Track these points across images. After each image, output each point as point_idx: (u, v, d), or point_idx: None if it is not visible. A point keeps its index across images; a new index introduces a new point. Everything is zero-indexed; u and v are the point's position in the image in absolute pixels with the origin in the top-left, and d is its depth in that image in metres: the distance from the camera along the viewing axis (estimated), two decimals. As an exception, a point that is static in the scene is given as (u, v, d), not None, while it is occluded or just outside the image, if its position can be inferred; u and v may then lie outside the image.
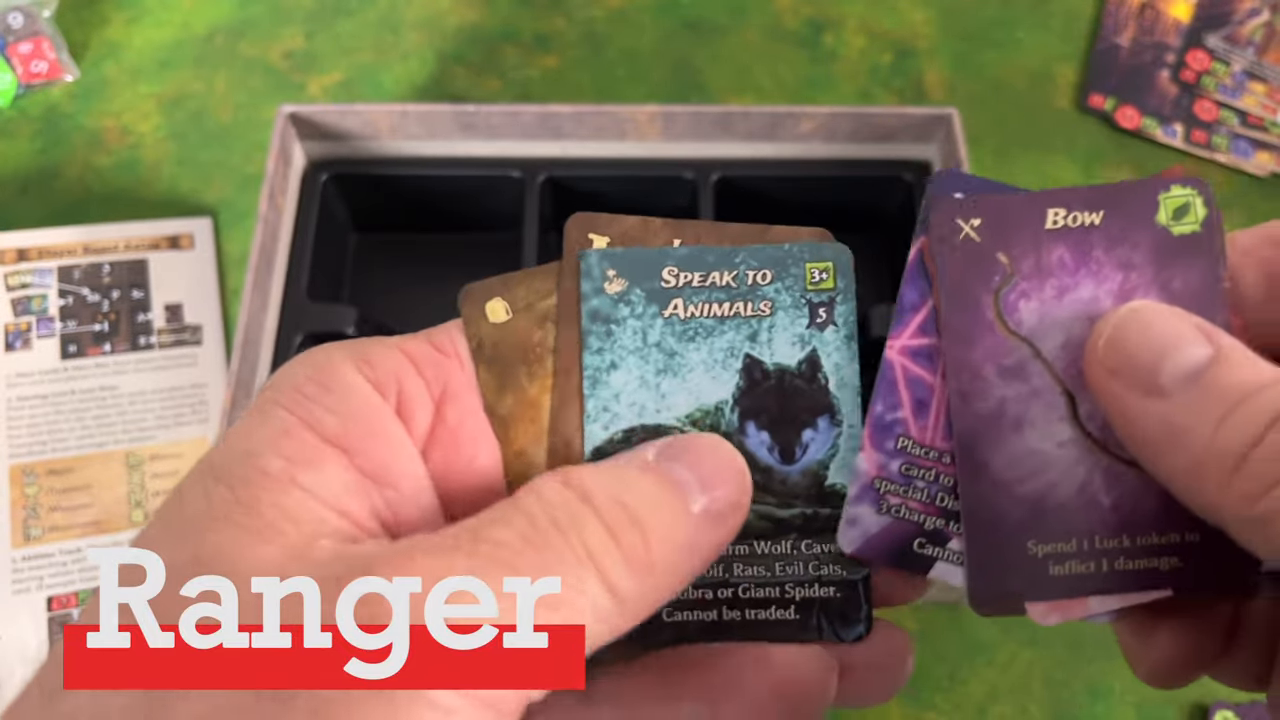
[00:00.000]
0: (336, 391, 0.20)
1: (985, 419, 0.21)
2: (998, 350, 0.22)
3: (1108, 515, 0.21)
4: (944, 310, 0.22)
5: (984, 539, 0.21)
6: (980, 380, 0.21)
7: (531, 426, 0.22)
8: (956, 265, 0.22)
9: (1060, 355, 0.21)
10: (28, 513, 0.52)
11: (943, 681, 0.50)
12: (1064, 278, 0.22)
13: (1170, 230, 0.22)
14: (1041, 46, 0.67)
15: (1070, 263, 0.22)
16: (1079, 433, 0.21)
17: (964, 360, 0.22)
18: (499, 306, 0.22)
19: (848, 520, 0.21)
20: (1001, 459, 0.21)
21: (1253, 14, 0.67)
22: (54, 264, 0.58)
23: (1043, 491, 0.21)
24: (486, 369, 0.22)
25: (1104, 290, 0.22)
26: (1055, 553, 0.21)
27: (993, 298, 0.22)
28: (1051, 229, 0.22)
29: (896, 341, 0.22)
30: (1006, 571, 0.21)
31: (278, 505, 0.18)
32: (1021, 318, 0.22)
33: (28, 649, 0.50)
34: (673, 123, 0.55)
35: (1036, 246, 0.22)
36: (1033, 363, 0.21)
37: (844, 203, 0.58)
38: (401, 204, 0.58)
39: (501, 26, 0.67)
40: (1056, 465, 0.21)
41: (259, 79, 0.65)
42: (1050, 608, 0.21)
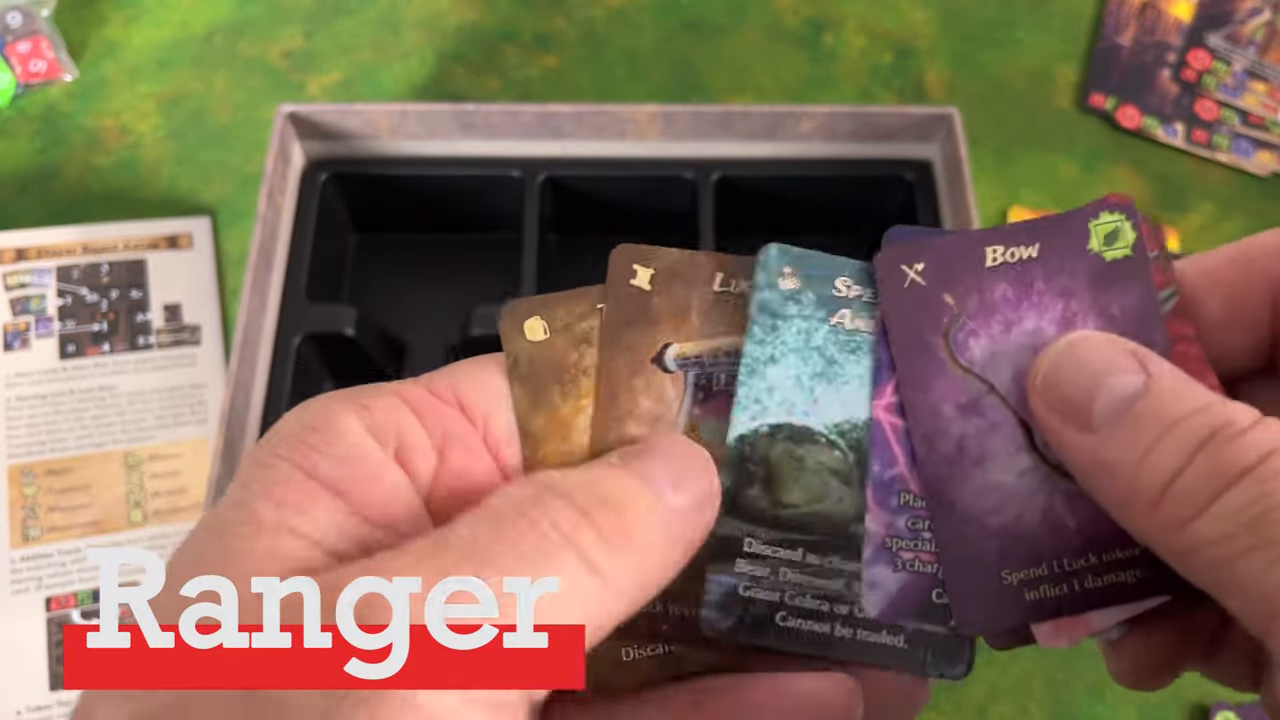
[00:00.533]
0: (332, 437, 0.20)
1: (948, 457, 0.22)
2: (952, 389, 0.22)
3: (1073, 537, 0.21)
4: (898, 356, 0.22)
5: (961, 574, 0.21)
6: (940, 419, 0.22)
7: (562, 445, 0.22)
8: (905, 309, 0.22)
9: (1012, 388, 0.22)
10: (26, 513, 0.52)
11: (944, 681, 0.50)
12: (1008, 312, 0.22)
13: (1103, 256, 0.22)
14: (1042, 46, 0.67)
15: (1013, 297, 0.22)
16: (1038, 461, 0.22)
17: (922, 402, 0.22)
18: (538, 325, 0.22)
19: (868, 584, 0.22)
20: (968, 495, 0.22)
21: (1254, 13, 0.67)
22: (53, 264, 0.58)
23: (1010, 522, 0.21)
24: (521, 386, 0.22)
25: (1047, 320, 0.22)
26: (1028, 579, 0.21)
27: (943, 338, 0.22)
28: (992, 266, 0.22)
29: (880, 401, 0.22)
30: (985, 602, 0.21)
31: (271, 554, 0.18)
32: (973, 355, 0.22)
33: (27, 649, 0.49)
34: (673, 122, 0.55)
35: (979, 284, 0.22)
36: (987, 398, 0.22)
37: (844, 202, 0.57)
38: (401, 204, 0.58)
39: (501, 26, 0.67)
40: (1020, 495, 0.22)
41: (258, 78, 0.65)
42: (1054, 630, 0.21)
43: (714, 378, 0.23)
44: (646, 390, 0.22)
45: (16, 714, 0.48)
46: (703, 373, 0.23)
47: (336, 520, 0.19)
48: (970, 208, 0.51)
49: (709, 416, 0.22)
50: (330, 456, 0.19)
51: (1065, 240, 0.22)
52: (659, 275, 0.23)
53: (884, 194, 0.57)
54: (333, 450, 0.19)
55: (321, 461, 0.19)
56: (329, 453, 0.19)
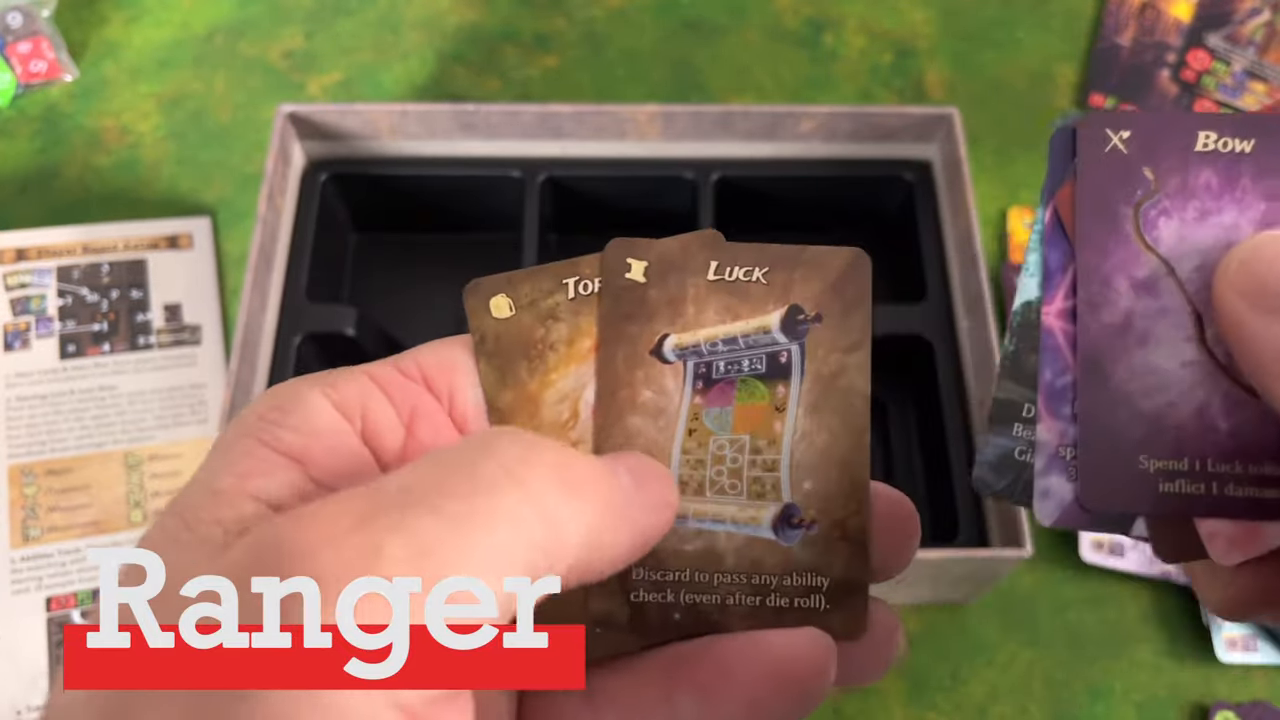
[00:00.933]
0: (297, 413, 0.20)
1: (1112, 330, 0.21)
2: (1131, 263, 0.21)
3: (1224, 440, 0.21)
4: (1081, 218, 0.22)
5: (1099, 448, 0.21)
6: (1110, 290, 0.21)
7: (530, 421, 0.22)
8: (1100, 174, 0.22)
9: (1194, 277, 0.21)
10: (26, 513, 0.52)
11: (944, 681, 0.50)
12: (1208, 201, 0.22)
13: None
14: (1042, 46, 0.67)
15: (1216, 187, 0.22)
16: (1204, 355, 0.21)
17: (1096, 269, 0.21)
18: (503, 302, 0.23)
19: (1040, 493, 0.21)
20: (1124, 371, 0.21)
21: (1253, 13, 0.67)
22: (53, 264, 0.58)
23: (1161, 408, 0.21)
24: (487, 362, 0.22)
25: (1246, 218, 0.21)
26: (1167, 470, 0.21)
27: (1133, 210, 0.22)
28: (1201, 151, 0.22)
29: (1050, 308, 0.22)
30: (1117, 481, 0.21)
31: (217, 518, 0.18)
32: (1160, 234, 0.22)
33: (27, 649, 0.49)
34: (673, 122, 0.55)
35: (1184, 166, 0.22)
36: (1165, 280, 0.21)
37: (844, 202, 0.57)
38: (401, 204, 0.58)
39: (501, 26, 0.67)
40: (1178, 384, 0.21)
41: (258, 79, 0.65)
42: (1229, 543, 0.21)
43: (713, 366, 0.23)
44: (647, 382, 0.22)
45: (16, 714, 0.48)
46: (701, 361, 0.23)
47: (294, 482, 0.19)
48: (970, 208, 0.51)
49: (710, 405, 0.22)
50: (291, 429, 0.19)
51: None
52: (653, 267, 0.23)
53: (884, 194, 0.57)
54: (293, 423, 0.19)
55: (284, 434, 0.19)
56: (289, 425, 0.19)
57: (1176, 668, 0.50)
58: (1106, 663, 0.50)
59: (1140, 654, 0.50)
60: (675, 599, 0.22)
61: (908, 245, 0.55)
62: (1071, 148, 0.22)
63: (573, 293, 0.23)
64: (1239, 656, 0.49)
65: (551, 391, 0.22)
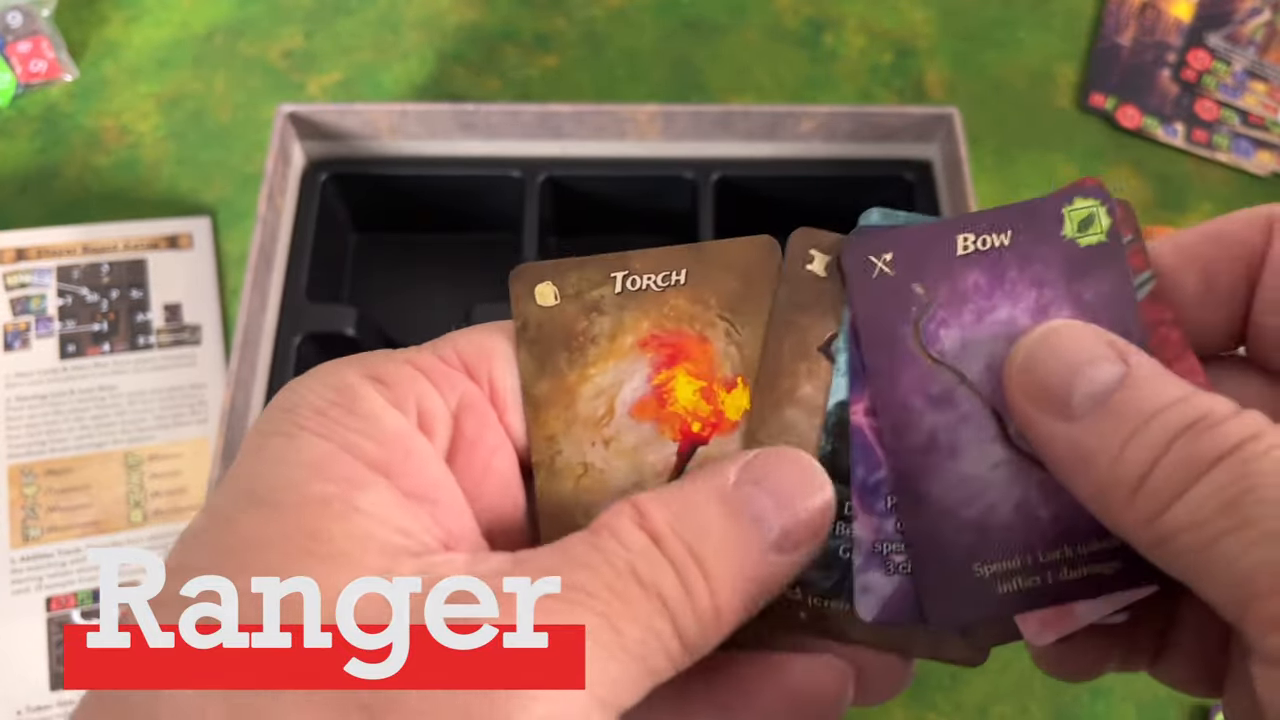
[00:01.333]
0: (364, 416, 0.19)
1: (919, 450, 0.21)
2: (923, 380, 0.22)
3: (1047, 528, 0.21)
4: (865, 348, 0.22)
5: (931, 567, 0.21)
6: (909, 412, 0.21)
7: (565, 413, 0.22)
8: (873, 301, 0.22)
9: (985, 378, 0.21)
10: (26, 513, 0.52)
11: (944, 681, 0.50)
12: (980, 301, 0.22)
13: (1078, 242, 0.22)
14: (1042, 46, 0.67)
15: (985, 285, 0.22)
16: (1012, 452, 0.21)
17: (891, 395, 0.22)
18: (549, 290, 0.22)
19: (860, 589, 0.21)
20: (939, 487, 0.21)
21: (1254, 13, 0.67)
22: (53, 264, 0.58)
23: (983, 513, 0.21)
24: (528, 350, 0.22)
25: (1020, 309, 0.22)
26: (1001, 571, 0.21)
27: (913, 328, 0.22)
28: (963, 254, 0.22)
29: (859, 405, 0.22)
30: (957, 596, 0.21)
31: (347, 533, 0.18)
32: (943, 345, 0.22)
33: (27, 649, 0.49)
34: (673, 122, 0.55)
35: (950, 273, 0.22)
36: (959, 389, 0.21)
37: (844, 202, 0.57)
38: (401, 204, 0.58)
39: (501, 26, 0.67)
40: (994, 486, 0.21)
41: (258, 78, 0.65)
42: (1040, 626, 0.21)
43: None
44: (809, 376, 0.22)
45: (17, 714, 0.48)
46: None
47: (390, 498, 0.19)
48: (970, 208, 0.51)
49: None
50: (367, 437, 0.19)
51: (1038, 227, 0.22)
52: (834, 264, 0.23)
53: (884, 194, 0.57)
54: (361, 426, 0.19)
55: (365, 445, 0.19)
56: (359, 429, 0.19)
57: (1177, 668, 0.50)
58: (1107, 663, 0.50)
59: (1140, 654, 0.50)
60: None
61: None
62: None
63: (620, 287, 0.22)
64: (1239, 656, 0.49)
65: (589, 386, 0.22)
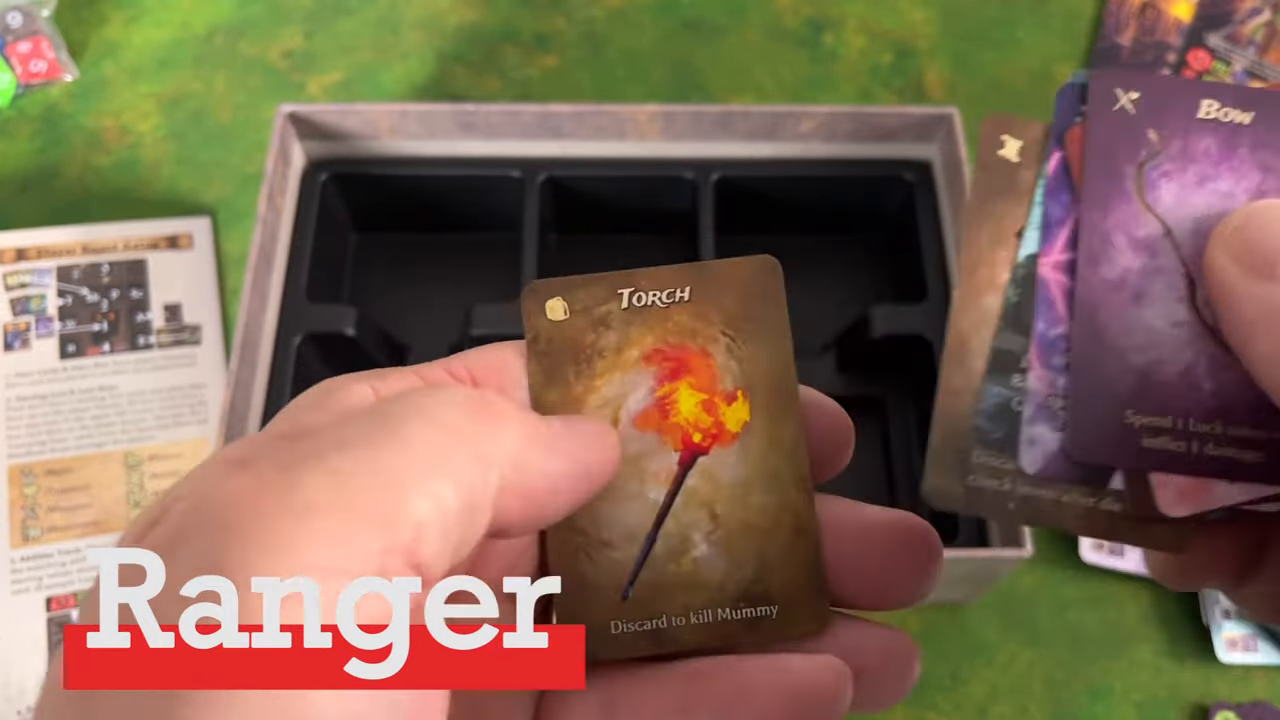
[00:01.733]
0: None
1: (1109, 285, 0.22)
2: (1131, 221, 0.22)
3: (1206, 400, 0.21)
4: (1086, 174, 0.22)
5: (1088, 399, 0.21)
6: (1110, 247, 0.22)
7: None
8: (1107, 132, 0.22)
9: (1189, 241, 0.22)
10: (26, 513, 0.52)
11: (944, 681, 0.50)
12: (1206, 167, 0.22)
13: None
14: (1042, 46, 0.67)
15: (1215, 154, 0.22)
16: (1194, 316, 0.22)
17: (1098, 225, 0.22)
18: (559, 305, 0.23)
19: (1027, 441, 0.22)
20: (1118, 326, 0.22)
21: (1254, 13, 0.67)
22: (53, 264, 0.58)
23: (1150, 365, 0.22)
24: (538, 362, 0.23)
25: (1241, 187, 0.22)
26: (1151, 426, 0.21)
27: (1136, 170, 0.22)
28: (1203, 118, 0.22)
29: (1047, 259, 0.22)
30: (1103, 434, 0.21)
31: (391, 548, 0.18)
32: (1160, 196, 0.22)
33: (27, 650, 0.49)
34: (673, 122, 0.55)
35: (1186, 131, 0.22)
36: (1162, 240, 0.22)
37: (844, 202, 0.57)
38: (401, 204, 0.58)
39: (501, 26, 0.67)
40: (1168, 343, 0.22)
41: (258, 78, 0.65)
42: (1179, 494, 0.21)
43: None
44: (1008, 265, 0.22)
45: (17, 714, 0.48)
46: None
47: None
48: (970, 208, 0.51)
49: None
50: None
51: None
52: (1027, 148, 0.23)
53: (884, 194, 0.57)
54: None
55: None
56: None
57: (1176, 668, 0.50)
58: (1106, 663, 0.50)
59: (1140, 654, 0.50)
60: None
61: (908, 245, 0.55)
62: (1078, 105, 0.23)
63: (626, 303, 0.23)
64: (1239, 656, 0.49)
65: (595, 396, 0.23)
